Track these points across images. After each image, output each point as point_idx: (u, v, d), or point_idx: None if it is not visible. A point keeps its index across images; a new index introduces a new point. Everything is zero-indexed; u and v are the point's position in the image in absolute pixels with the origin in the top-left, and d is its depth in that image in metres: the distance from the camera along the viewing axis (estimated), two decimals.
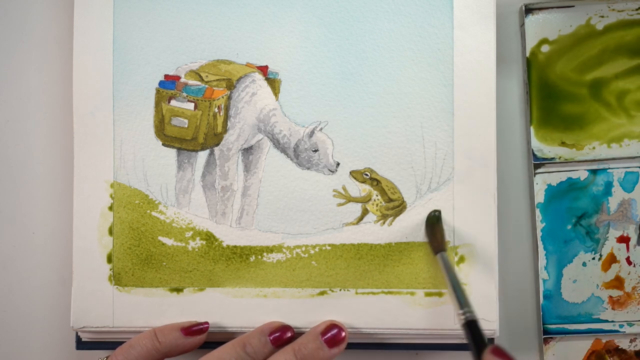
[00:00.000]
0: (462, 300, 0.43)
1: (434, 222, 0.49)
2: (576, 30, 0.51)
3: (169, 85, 0.51)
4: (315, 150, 0.50)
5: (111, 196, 0.51)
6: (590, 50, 0.51)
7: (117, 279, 0.50)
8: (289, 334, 0.48)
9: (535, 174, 0.52)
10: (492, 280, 0.49)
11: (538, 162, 0.52)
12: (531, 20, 0.51)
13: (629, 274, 0.51)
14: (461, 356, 0.52)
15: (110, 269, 0.50)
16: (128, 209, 0.51)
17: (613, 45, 0.51)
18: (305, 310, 0.50)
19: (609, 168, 0.51)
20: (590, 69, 0.51)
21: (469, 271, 0.49)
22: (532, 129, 0.52)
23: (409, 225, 0.50)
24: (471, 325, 0.41)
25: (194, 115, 0.51)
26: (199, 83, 0.51)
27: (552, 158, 0.51)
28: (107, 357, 0.48)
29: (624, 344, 0.52)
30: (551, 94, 0.51)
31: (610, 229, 0.51)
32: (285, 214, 0.50)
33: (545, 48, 0.51)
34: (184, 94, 0.51)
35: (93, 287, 0.50)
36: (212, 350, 0.46)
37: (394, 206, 0.50)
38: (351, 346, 0.50)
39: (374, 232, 0.50)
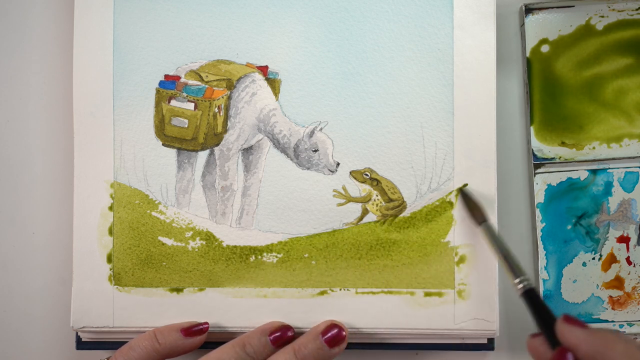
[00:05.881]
0: (515, 268, 0.42)
1: (467, 196, 0.49)
2: (576, 30, 0.51)
3: (169, 85, 0.51)
4: (315, 150, 0.50)
5: (111, 196, 0.51)
6: (590, 50, 0.51)
7: (117, 279, 0.50)
8: (289, 334, 0.48)
9: (535, 174, 0.52)
10: (492, 280, 0.49)
11: (538, 162, 0.52)
12: (531, 20, 0.51)
13: (629, 274, 0.51)
14: (461, 356, 0.52)
15: (110, 269, 0.50)
16: (128, 209, 0.51)
17: (613, 45, 0.51)
18: (305, 310, 0.50)
19: (609, 168, 0.51)
20: (590, 69, 0.51)
21: (469, 271, 0.49)
22: (532, 129, 0.52)
23: (409, 226, 0.50)
24: (531, 294, 0.41)
25: (194, 115, 0.51)
26: (199, 83, 0.51)
27: (552, 158, 0.51)
28: (107, 359, 0.48)
29: None
30: (551, 94, 0.51)
31: (610, 229, 0.51)
32: (285, 214, 0.50)
33: (545, 48, 0.51)
34: (184, 94, 0.51)
35: (93, 287, 0.50)
36: (212, 351, 0.46)
37: (394, 206, 0.50)
38: (351, 346, 0.50)
39: (374, 232, 0.50)
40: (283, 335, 0.48)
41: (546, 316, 0.40)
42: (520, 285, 0.41)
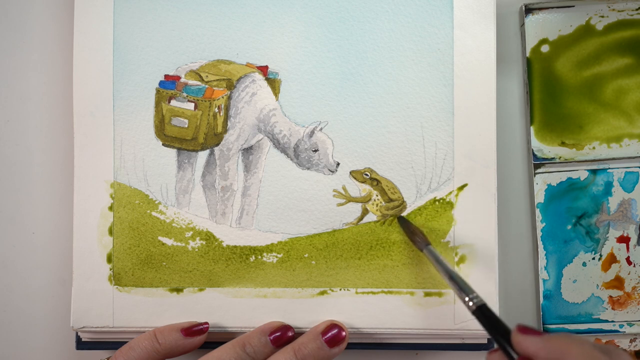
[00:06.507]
0: (464, 287, 0.42)
1: (406, 221, 0.49)
2: (576, 30, 0.51)
3: (169, 85, 0.51)
4: (315, 150, 0.50)
5: (111, 196, 0.51)
6: (590, 50, 0.51)
7: (117, 279, 0.50)
8: (290, 334, 0.48)
9: (535, 174, 0.52)
10: (492, 280, 0.49)
11: (538, 162, 0.52)
12: (531, 20, 0.51)
13: (629, 274, 0.51)
14: (461, 356, 0.52)
15: (110, 269, 0.50)
16: (128, 209, 0.51)
17: (613, 45, 0.51)
18: (305, 310, 0.50)
19: (609, 168, 0.51)
20: (590, 69, 0.51)
21: (469, 271, 0.49)
22: (532, 129, 0.52)
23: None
24: (483, 310, 0.41)
25: (194, 115, 0.51)
26: (199, 83, 0.51)
27: (552, 158, 0.51)
28: (107, 359, 0.48)
29: (623, 344, 0.52)
30: (551, 94, 0.51)
31: (610, 229, 0.51)
32: (285, 214, 0.50)
33: (545, 48, 0.51)
34: (184, 94, 0.51)
35: (93, 287, 0.50)
36: (212, 351, 0.46)
37: (394, 206, 0.50)
38: (351, 346, 0.50)
39: (374, 232, 0.50)
40: (283, 335, 0.48)
41: (501, 329, 0.40)
42: (471, 303, 0.42)
